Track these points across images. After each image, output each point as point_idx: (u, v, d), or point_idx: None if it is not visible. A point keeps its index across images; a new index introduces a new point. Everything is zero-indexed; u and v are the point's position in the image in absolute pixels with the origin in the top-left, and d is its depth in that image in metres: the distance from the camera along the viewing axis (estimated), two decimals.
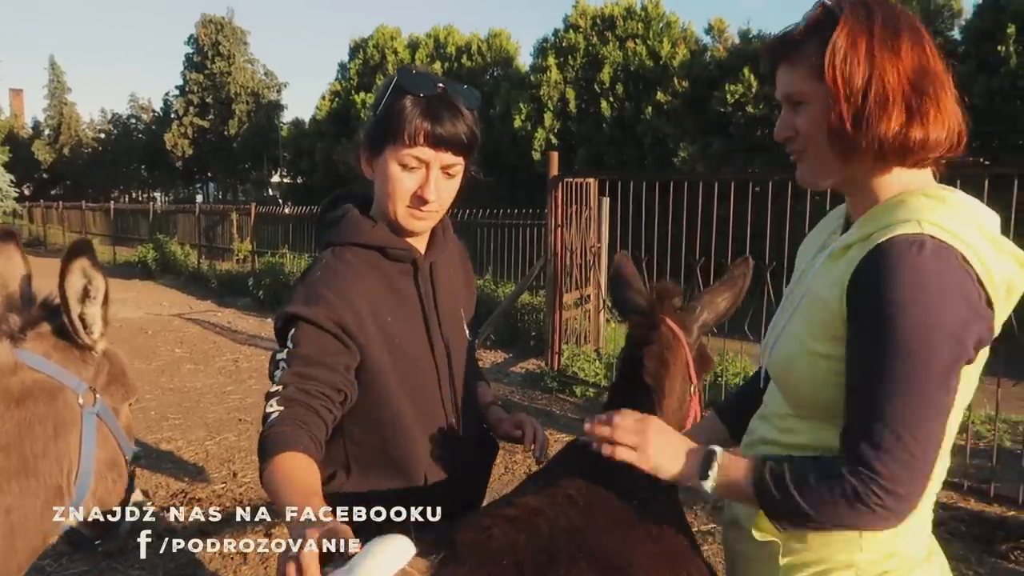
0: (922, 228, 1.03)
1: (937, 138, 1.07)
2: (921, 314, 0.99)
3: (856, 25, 1.07)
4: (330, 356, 1.36)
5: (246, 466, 4.83)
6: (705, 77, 13.83)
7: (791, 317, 1.22)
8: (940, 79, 1.08)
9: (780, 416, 1.26)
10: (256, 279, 12.72)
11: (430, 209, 1.45)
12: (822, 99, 1.09)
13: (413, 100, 1.38)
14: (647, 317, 1.86)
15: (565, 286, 6.70)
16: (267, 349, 8.68)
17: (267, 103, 38.56)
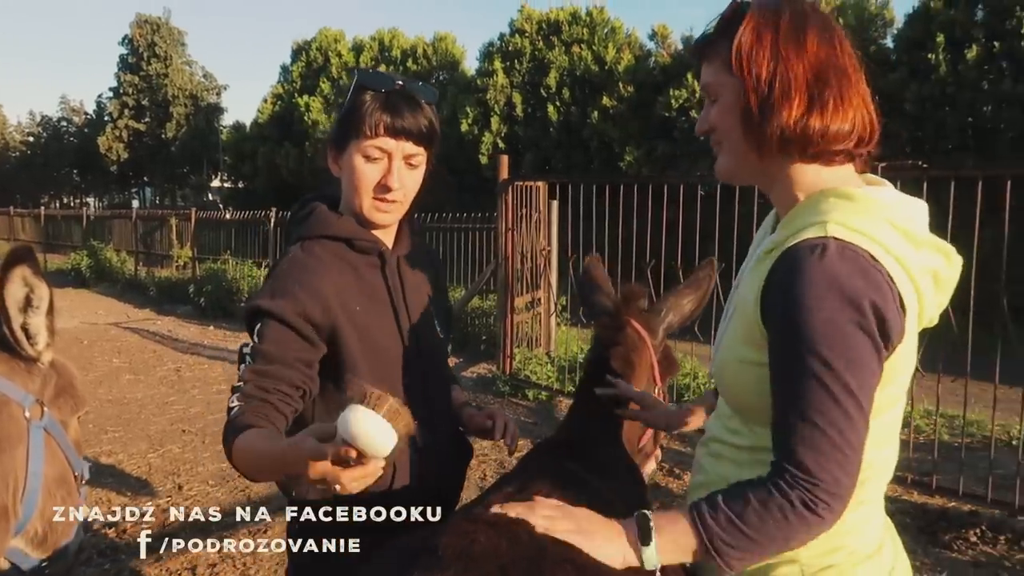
0: (827, 231, 1.04)
1: (839, 129, 1.08)
2: (826, 316, 1.00)
3: (762, 20, 1.10)
4: (291, 353, 1.40)
5: (191, 479, 4.68)
6: (649, 82, 14.05)
7: (726, 324, 1.24)
8: (846, 73, 1.10)
9: (727, 416, 1.28)
10: (197, 286, 12.39)
11: (394, 199, 1.49)
12: (732, 91, 1.12)
13: (373, 95, 1.46)
14: (613, 319, 1.86)
15: (516, 290, 6.69)
16: (210, 358, 8.46)
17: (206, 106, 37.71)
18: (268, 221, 12.12)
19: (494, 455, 4.96)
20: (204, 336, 10.11)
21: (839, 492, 1.02)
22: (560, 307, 7.25)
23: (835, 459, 1.01)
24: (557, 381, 6.46)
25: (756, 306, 1.10)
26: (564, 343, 7.13)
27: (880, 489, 1.19)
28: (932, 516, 4.00)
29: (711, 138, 1.21)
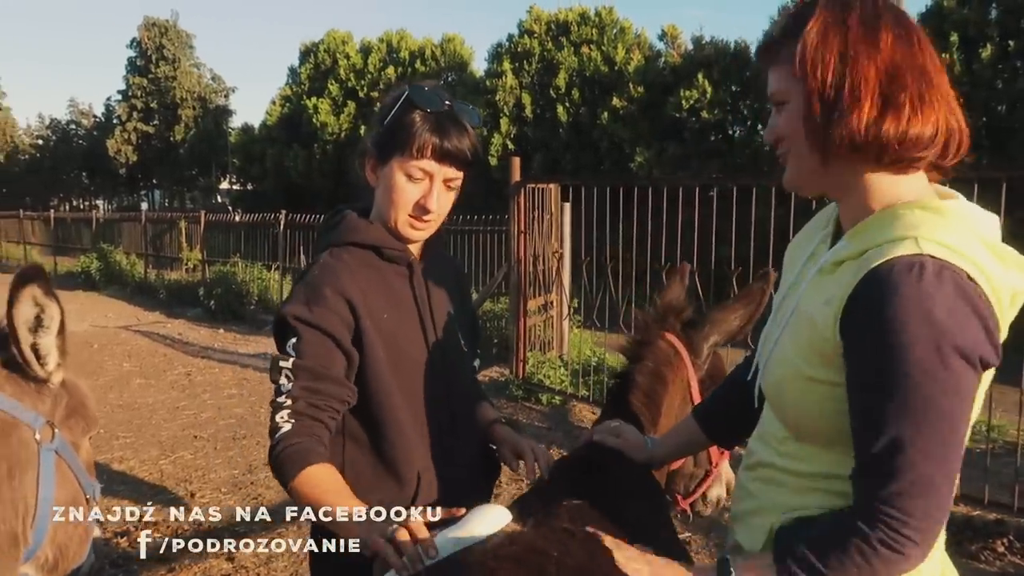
0: (920, 247, 0.96)
1: (919, 134, 1.00)
2: (930, 342, 0.93)
3: (830, 18, 1.03)
4: (335, 367, 1.41)
5: (203, 486, 4.64)
6: (659, 83, 13.97)
7: (781, 336, 1.16)
8: (926, 74, 1.03)
9: (779, 439, 1.19)
10: (207, 289, 12.37)
11: (429, 219, 1.51)
12: (798, 97, 1.06)
13: (423, 115, 1.45)
14: (641, 333, 1.79)
15: (528, 292, 6.63)
16: (220, 362, 8.42)
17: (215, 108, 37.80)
18: (278, 223, 12.09)
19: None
20: (214, 339, 10.08)
21: (930, 529, 0.95)
22: (573, 310, 7.18)
23: (930, 495, 0.95)
24: (571, 385, 6.39)
25: (834, 323, 1.02)
26: (577, 346, 7.06)
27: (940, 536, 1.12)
28: (957, 525, 3.90)
29: (779, 149, 1.14)
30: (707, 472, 1.85)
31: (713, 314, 1.81)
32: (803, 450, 1.14)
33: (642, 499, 1.48)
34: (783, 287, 1.25)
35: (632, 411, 1.70)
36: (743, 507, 1.25)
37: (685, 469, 1.81)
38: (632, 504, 1.41)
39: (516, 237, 6.49)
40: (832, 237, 1.17)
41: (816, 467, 1.11)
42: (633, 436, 1.57)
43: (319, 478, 1.31)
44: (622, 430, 1.58)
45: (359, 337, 1.44)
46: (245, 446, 5.43)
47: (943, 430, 0.94)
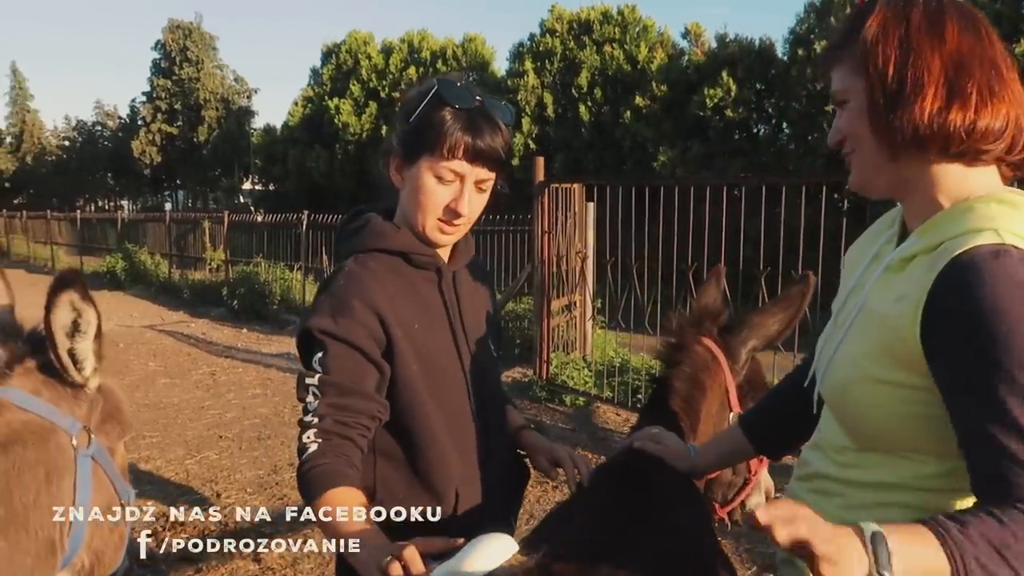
0: (1002, 237, 0.93)
1: (988, 125, 0.97)
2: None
3: (891, 14, 1.02)
4: (364, 382, 1.34)
5: (229, 486, 4.65)
6: (683, 81, 13.86)
7: (845, 336, 1.11)
8: (996, 65, 1.00)
9: (836, 449, 1.14)
10: (230, 288, 12.45)
11: (460, 223, 1.43)
12: (861, 93, 1.04)
13: (453, 112, 1.36)
14: (676, 337, 1.75)
15: (552, 293, 6.59)
16: (244, 362, 8.46)
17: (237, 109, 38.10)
18: (300, 224, 12.14)
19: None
20: (238, 339, 10.14)
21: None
22: (596, 310, 7.13)
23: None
24: (595, 386, 6.34)
25: (913, 322, 0.97)
26: (601, 347, 7.01)
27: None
28: None
29: (844, 150, 1.10)
30: (746, 480, 1.81)
31: (751, 318, 1.76)
32: (863, 459, 1.09)
33: (686, 508, 1.44)
34: (843, 290, 1.20)
35: (671, 417, 1.66)
36: None
37: (723, 477, 1.77)
38: (675, 514, 1.37)
39: (540, 237, 6.45)
40: (898, 237, 1.13)
41: (877, 476, 1.06)
42: (675, 444, 1.53)
43: (338, 501, 1.25)
44: (663, 437, 1.54)
45: (390, 349, 1.37)
46: (270, 446, 5.44)
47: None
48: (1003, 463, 0.90)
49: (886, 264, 1.07)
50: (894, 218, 1.18)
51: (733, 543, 3.74)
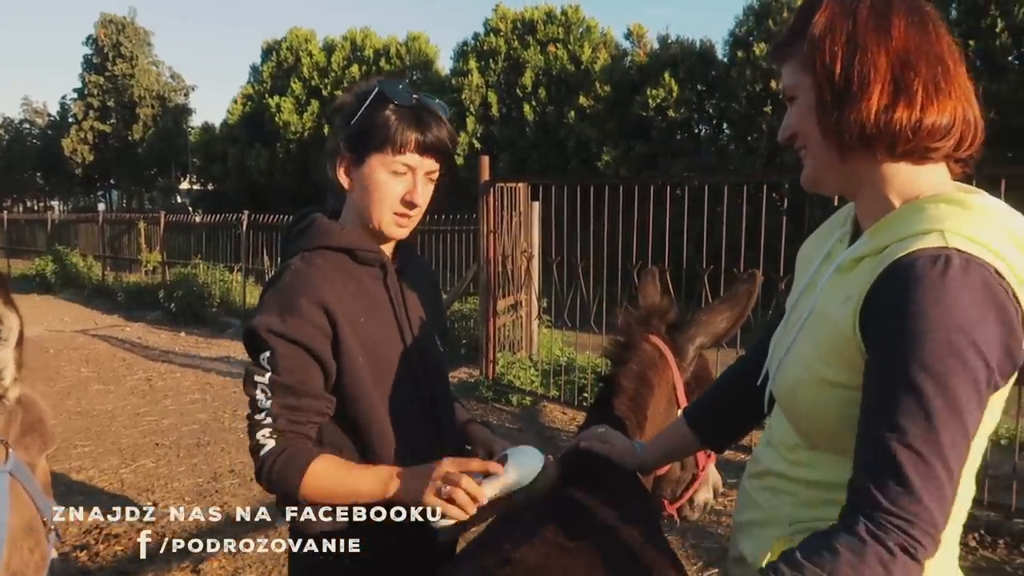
0: (946, 240, 0.92)
1: (934, 122, 0.97)
2: (949, 338, 0.88)
3: (838, 9, 1.01)
4: (312, 381, 1.38)
5: (167, 495, 4.49)
6: (626, 82, 13.99)
7: (797, 337, 1.11)
8: (943, 61, 0.99)
9: (788, 447, 1.15)
10: (167, 291, 12.11)
11: (414, 214, 1.48)
12: (809, 90, 1.03)
13: (397, 110, 1.41)
14: (624, 335, 1.75)
15: (497, 293, 6.57)
16: (182, 366, 8.22)
17: (174, 107, 36.99)
18: (240, 224, 11.85)
19: None
20: (175, 343, 9.85)
21: (935, 533, 0.90)
22: (542, 310, 7.13)
23: (937, 495, 0.89)
24: (541, 386, 6.34)
25: (853, 321, 0.97)
26: (547, 346, 7.01)
27: (956, 536, 1.07)
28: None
29: (796, 145, 1.10)
30: (694, 476, 1.83)
31: (699, 315, 1.77)
32: (815, 458, 1.09)
33: (633, 506, 1.44)
34: (796, 289, 1.20)
35: (617, 416, 1.67)
36: (748, 517, 1.20)
37: (672, 474, 1.77)
38: (622, 512, 1.37)
39: (485, 237, 6.43)
40: (850, 236, 1.13)
41: (828, 475, 1.06)
42: (621, 442, 1.52)
43: (327, 468, 1.33)
44: (609, 436, 1.53)
45: (337, 345, 1.39)
46: (209, 453, 5.29)
47: (957, 434, 0.89)
48: (872, 468, 0.92)
49: (837, 264, 1.07)
50: (847, 216, 1.17)
51: (680, 539, 3.77)
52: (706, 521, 4.03)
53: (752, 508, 1.19)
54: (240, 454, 5.23)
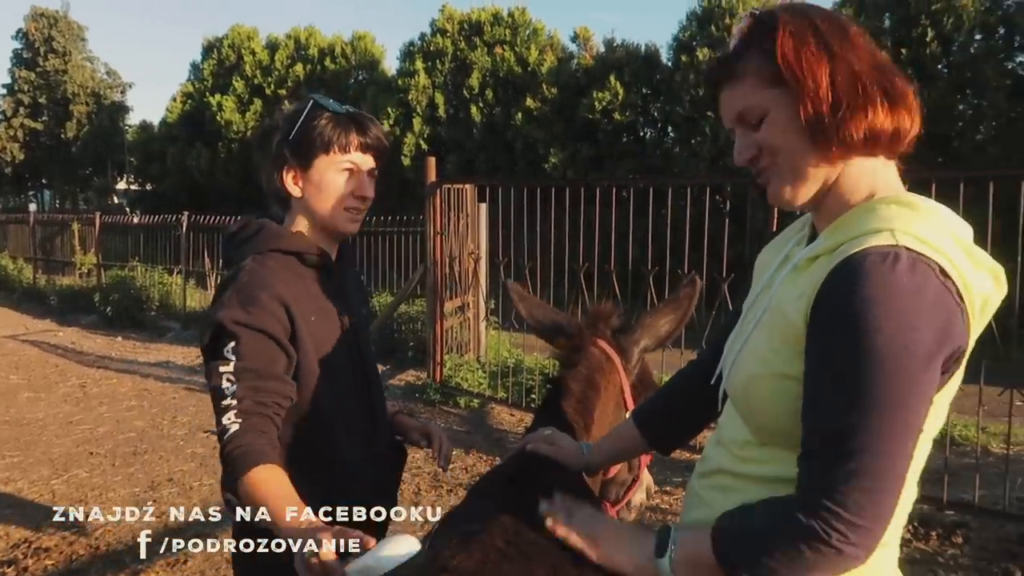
0: (896, 239, 0.95)
1: (911, 124, 1.03)
2: (896, 333, 0.90)
3: (796, 23, 1.01)
4: (277, 365, 1.45)
5: (101, 506, 4.33)
6: (572, 84, 14.08)
7: (751, 334, 1.12)
8: (894, 68, 1.04)
9: (739, 444, 1.15)
10: (103, 294, 11.72)
11: (364, 207, 1.62)
12: (784, 104, 1.02)
13: (335, 115, 1.55)
14: (573, 339, 1.77)
15: (445, 294, 6.53)
16: (119, 372, 7.97)
17: (110, 104, 35.86)
18: (180, 225, 11.54)
19: (427, 467, 4.79)
20: (112, 348, 9.54)
21: (877, 531, 0.91)
22: (490, 311, 7.12)
23: (875, 489, 0.90)
24: (489, 388, 6.33)
25: (805, 314, 0.99)
26: (495, 348, 7.00)
27: (898, 534, 1.09)
28: None
29: (755, 166, 1.09)
30: (635, 478, 1.85)
31: (644, 319, 1.81)
32: (765, 454, 1.10)
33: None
34: (752, 292, 1.22)
35: (565, 418, 1.67)
36: (695, 515, 1.21)
37: (620, 476, 1.79)
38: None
39: (432, 238, 6.39)
40: (807, 239, 1.15)
41: (777, 471, 1.07)
42: (568, 443, 1.53)
43: (264, 479, 1.34)
44: (555, 438, 1.53)
45: (294, 339, 1.49)
46: (147, 461, 5.12)
47: (897, 423, 0.91)
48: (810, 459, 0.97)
49: (794, 264, 1.09)
50: (804, 222, 1.19)
51: None
52: (652, 521, 4.07)
53: (701, 507, 1.20)
54: (179, 462, 5.09)
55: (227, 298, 1.45)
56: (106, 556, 3.69)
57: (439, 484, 4.60)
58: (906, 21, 10.71)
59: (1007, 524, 3.77)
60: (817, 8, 1.05)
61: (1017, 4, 10.35)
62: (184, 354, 9.06)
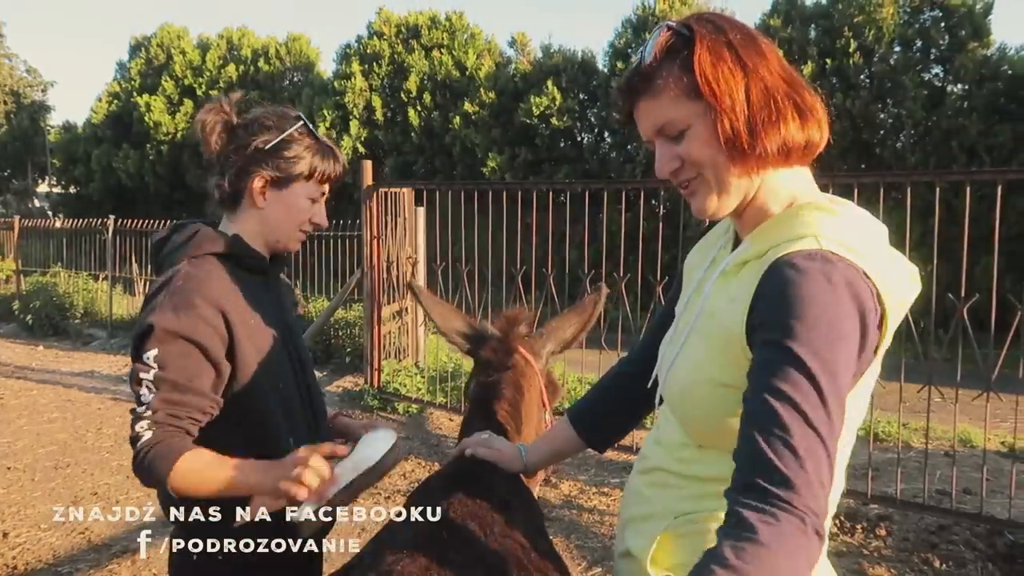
0: (820, 244, 0.99)
1: (815, 139, 1.05)
2: (822, 333, 0.93)
3: (712, 36, 1.02)
4: (199, 380, 1.42)
5: (19, 523, 4.13)
6: (510, 89, 14.15)
7: (686, 340, 1.14)
8: (802, 81, 1.07)
9: (676, 446, 1.18)
10: (23, 302, 11.21)
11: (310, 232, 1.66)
12: (703, 117, 1.03)
13: (319, 146, 1.59)
14: (502, 343, 1.80)
15: (382, 299, 6.47)
16: (39, 382, 7.63)
17: (30, 103, 34.43)
18: (105, 229, 11.14)
19: None
20: (32, 358, 9.13)
21: (822, 520, 0.92)
22: (428, 316, 7.07)
23: (818, 485, 0.91)
24: (428, 393, 6.29)
25: (740, 322, 1.01)
26: (434, 353, 6.97)
27: (827, 529, 1.13)
28: None
29: (678, 178, 1.09)
30: None
31: (551, 323, 1.88)
32: (703, 455, 1.12)
33: (520, 509, 1.46)
34: (683, 296, 1.23)
35: (498, 420, 1.69)
36: (635, 512, 1.22)
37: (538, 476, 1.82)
38: (508, 516, 1.38)
39: (369, 243, 6.31)
40: (732, 243, 1.17)
41: (715, 471, 1.09)
42: (506, 446, 1.55)
43: (195, 461, 1.37)
44: (493, 441, 1.55)
45: (232, 345, 1.46)
46: (69, 475, 4.92)
47: (836, 419, 0.94)
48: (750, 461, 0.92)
49: (722, 269, 1.11)
50: (727, 226, 1.21)
51: (564, 539, 3.82)
52: (589, 521, 4.11)
53: (640, 503, 1.22)
54: (104, 475, 4.90)
55: (160, 302, 1.42)
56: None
57: (377, 491, 4.54)
58: (830, 32, 11.11)
59: (927, 516, 3.93)
60: (730, 21, 1.06)
61: (932, 19, 10.85)
62: (110, 363, 8.74)
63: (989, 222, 3.66)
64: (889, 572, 3.51)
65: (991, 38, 10.62)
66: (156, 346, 1.38)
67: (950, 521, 3.86)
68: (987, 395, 3.68)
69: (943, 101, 10.51)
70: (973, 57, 10.33)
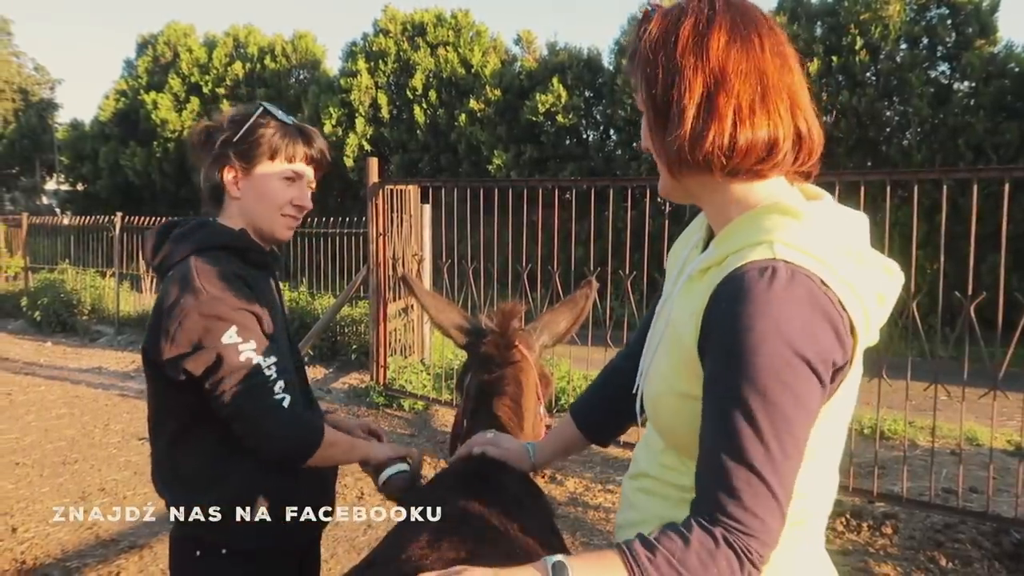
0: (774, 252, 0.94)
1: (750, 142, 0.96)
2: (775, 351, 0.90)
3: (663, 27, 1.00)
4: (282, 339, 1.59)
5: (28, 518, 4.16)
6: (516, 86, 14.15)
7: (656, 349, 1.13)
8: (766, 77, 0.97)
9: (659, 450, 1.17)
10: (31, 298, 11.25)
11: (300, 217, 1.68)
12: (644, 108, 1.05)
13: (282, 125, 1.61)
14: (503, 337, 1.79)
15: (388, 296, 6.48)
16: (48, 379, 7.68)
17: (38, 101, 34.56)
18: (113, 226, 11.19)
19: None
20: (40, 354, 9.18)
21: (769, 541, 0.93)
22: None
23: (769, 507, 0.91)
24: (433, 389, 6.30)
25: (694, 341, 0.99)
26: (439, 350, 6.97)
27: (821, 528, 1.11)
28: None
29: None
30: None
31: (544, 317, 1.88)
32: (681, 462, 1.10)
33: (532, 508, 1.46)
34: (664, 293, 1.22)
35: (501, 418, 1.68)
36: (626, 517, 1.22)
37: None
38: (522, 515, 1.37)
39: (375, 240, 6.33)
40: (704, 242, 1.15)
41: (690, 481, 1.08)
42: (514, 445, 1.54)
43: (331, 435, 1.59)
44: (500, 440, 1.54)
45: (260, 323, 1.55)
46: (77, 471, 4.94)
47: (785, 440, 0.92)
48: (710, 478, 0.95)
49: (688, 274, 1.09)
50: (702, 222, 1.19)
51: (571, 537, 3.83)
52: (595, 518, 4.11)
53: (629, 509, 1.21)
54: (112, 471, 4.92)
55: (198, 292, 1.46)
56: (33, 572, 3.55)
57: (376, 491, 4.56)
58: (836, 30, 11.07)
59: (933, 514, 3.92)
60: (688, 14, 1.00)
61: (939, 16, 10.80)
62: (118, 359, 8.78)
63: (996, 220, 3.65)
64: (895, 570, 3.51)
65: (998, 35, 10.58)
66: (232, 324, 1.46)
67: (956, 519, 3.85)
68: (994, 393, 3.68)
69: (950, 99, 10.48)
70: (980, 54, 10.29)
